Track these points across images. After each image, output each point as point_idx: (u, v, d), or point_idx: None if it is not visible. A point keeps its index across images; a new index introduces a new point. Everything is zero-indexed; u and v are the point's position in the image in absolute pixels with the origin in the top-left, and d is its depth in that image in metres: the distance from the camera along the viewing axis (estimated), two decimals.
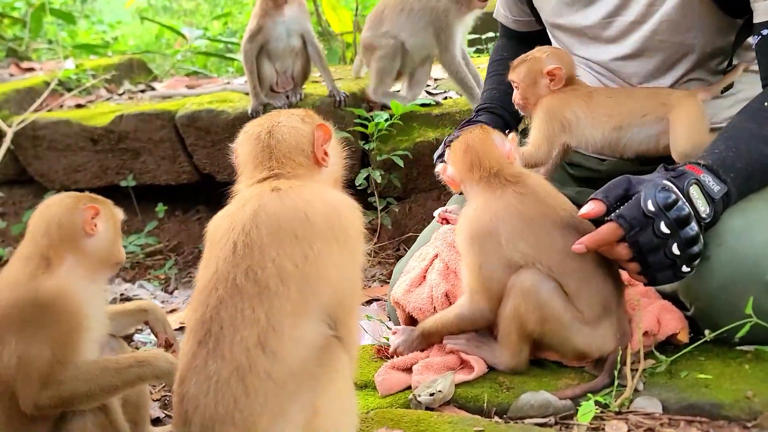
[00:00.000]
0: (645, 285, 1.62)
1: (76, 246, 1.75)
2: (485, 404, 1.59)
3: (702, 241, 1.56)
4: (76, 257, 1.75)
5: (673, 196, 1.53)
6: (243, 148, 1.46)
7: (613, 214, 1.55)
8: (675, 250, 1.53)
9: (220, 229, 1.30)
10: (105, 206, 1.81)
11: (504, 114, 2.28)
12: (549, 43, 2.35)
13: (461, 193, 1.84)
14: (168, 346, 2.06)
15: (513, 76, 2.08)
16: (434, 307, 1.78)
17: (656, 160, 2.04)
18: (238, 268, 1.24)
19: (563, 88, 2.02)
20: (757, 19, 1.80)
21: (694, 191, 1.58)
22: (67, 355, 1.70)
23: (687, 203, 1.55)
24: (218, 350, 1.21)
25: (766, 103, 1.74)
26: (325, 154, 1.43)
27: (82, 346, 1.74)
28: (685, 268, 1.56)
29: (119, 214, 1.84)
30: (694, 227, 1.54)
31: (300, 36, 3.50)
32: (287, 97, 3.53)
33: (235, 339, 1.20)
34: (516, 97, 2.09)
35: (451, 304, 1.78)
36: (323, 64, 3.57)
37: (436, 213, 2.02)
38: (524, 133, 2.42)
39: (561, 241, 1.61)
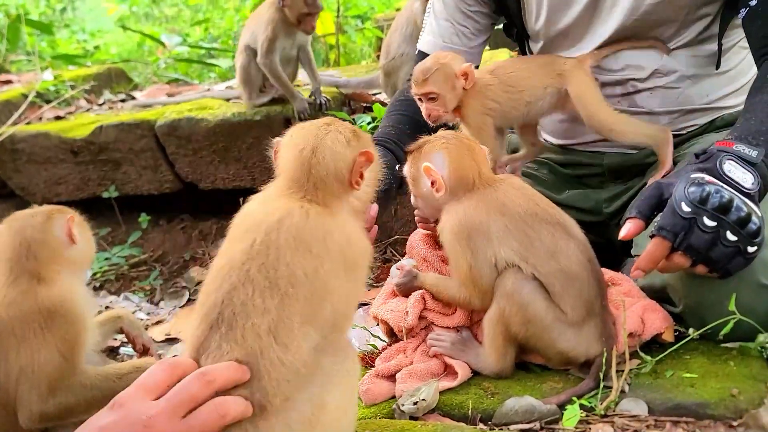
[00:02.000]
0: (722, 278, 1.54)
1: (64, 257, 1.81)
2: (470, 411, 1.57)
3: (758, 213, 1.49)
4: (67, 266, 1.80)
5: (706, 188, 1.47)
6: (285, 153, 1.43)
7: (653, 229, 1.51)
8: (730, 236, 1.46)
9: (242, 225, 1.32)
10: (71, 211, 1.86)
11: (396, 149, 2.14)
12: None
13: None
14: (145, 351, 2.07)
15: (431, 87, 2.00)
16: (407, 311, 1.75)
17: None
18: (253, 262, 1.25)
19: (470, 90, 2.03)
20: None
21: (729, 166, 1.54)
22: (75, 359, 1.76)
23: (724, 185, 1.50)
24: (231, 335, 1.22)
25: None
26: (361, 177, 1.42)
27: (84, 352, 1.77)
28: (750, 249, 1.49)
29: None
30: (740, 206, 1.47)
31: (298, 47, 3.57)
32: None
33: (246, 324, 1.22)
34: (433, 111, 2.02)
35: (426, 306, 1.76)
36: (313, 68, 3.60)
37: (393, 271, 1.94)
38: None
39: (549, 240, 1.59)
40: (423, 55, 2.36)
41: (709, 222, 1.46)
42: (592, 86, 2.03)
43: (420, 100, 2.04)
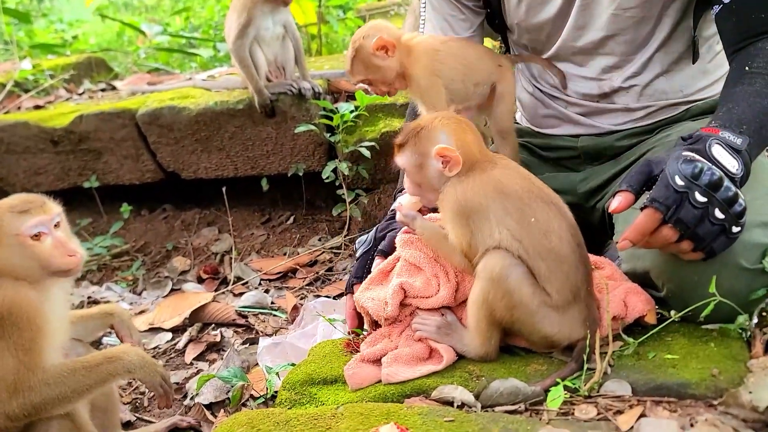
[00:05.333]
0: (704, 260, 1.57)
1: None
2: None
3: (742, 197, 1.52)
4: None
5: (699, 165, 1.50)
6: None
7: (645, 200, 1.52)
8: (718, 214, 1.49)
9: None
10: None
11: None
12: None
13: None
14: None
15: (357, 77, 2.08)
16: (386, 302, 1.76)
17: (631, 132, 2.10)
18: None
19: (412, 53, 2.05)
20: None
21: (717, 150, 1.56)
22: (32, 361, 1.70)
23: (714, 165, 1.52)
24: None
25: (746, 67, 1.74)
26: None
27: (46, 350, 1.73)
28: (735, 228, 1.52)
29: (16, 222, 1.76)
30: (729, 186, 1.50)
31: (283, 25, 3.52)
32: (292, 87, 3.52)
33: None
34: (377, 91, 2.12)
35: (406, 294, 1.76)
36: (300, 55, 3.59)
37: (395, 204, 1.97)
38: None
39: (543, 218, 1.60)
40: None
41: (700, 197, 1.48)
42: (513, 91, 2.16)
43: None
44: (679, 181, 1.49)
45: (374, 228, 2.12)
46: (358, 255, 2.08)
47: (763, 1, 1.77)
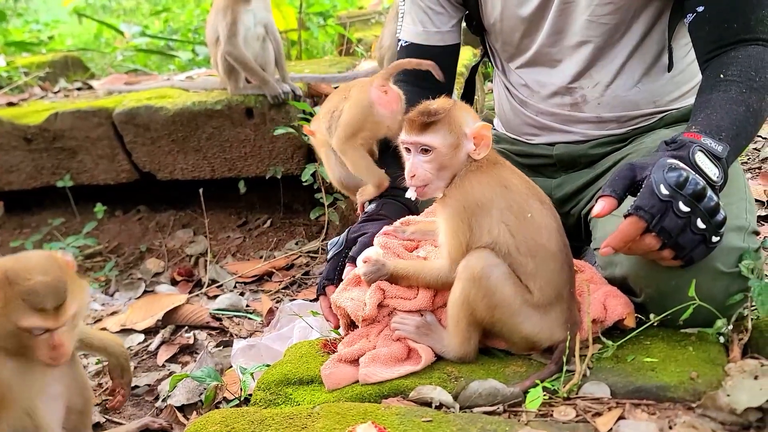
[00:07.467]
0: (683, 267, 1.57)
1: None
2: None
3: (722, 206, 1.53)
4: None
5: (684, 174, 1.50)
6: None
7: (630, 208, 1.52)
8: (700, 224, 1.50)
9: None
10: None
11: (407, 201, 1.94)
12: (452, 65, 2.33)
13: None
14: (113, 391, 2.14)
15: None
16: (364, 302, 1.74)
17: (611, 141, 2.11)
18: None
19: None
20: None
21: (700, 158, 1.57)
22: None
23: (697, 174, 1.53)
24: None
25: (721, 74, 1.75)
26: None
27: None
28: (714, 238, 1.53)
29: (22, 314, 1.67)
30: (712, 196, 1.51)
31: (264, 26, 3.52)
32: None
33: None
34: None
35: (385, 295, 1.74)
36: (281, 57, 3.59)
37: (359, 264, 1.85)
38: None
39: (538, 215, 1.60)
40: (406, 45, 2.29)
41: (683, 207, 1.48)
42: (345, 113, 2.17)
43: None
44: (664, 190, 1.49)
45: (347, 230, 2.10)
46: (329, 257, 2.06)
47: (736, 10, 1.80)
